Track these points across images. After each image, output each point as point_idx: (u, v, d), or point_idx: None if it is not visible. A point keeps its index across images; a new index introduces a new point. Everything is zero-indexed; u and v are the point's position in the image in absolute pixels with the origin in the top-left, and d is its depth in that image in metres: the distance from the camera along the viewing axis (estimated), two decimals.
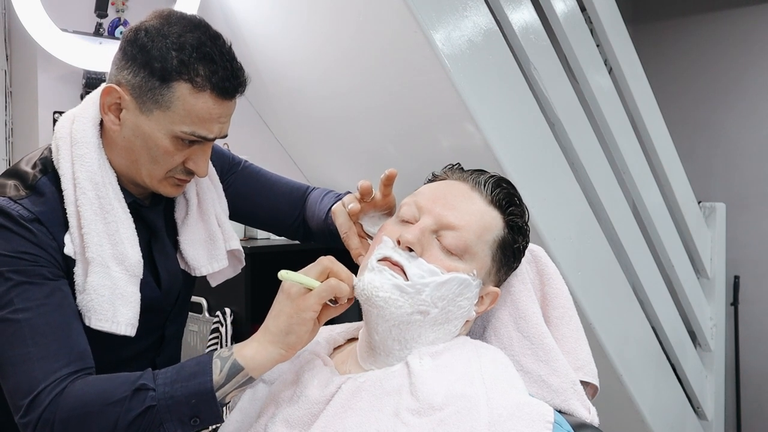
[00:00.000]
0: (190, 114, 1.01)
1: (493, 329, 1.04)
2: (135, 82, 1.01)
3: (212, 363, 0.91)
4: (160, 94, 1.00)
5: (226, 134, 1.08)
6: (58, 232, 1.01)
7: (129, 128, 1.03)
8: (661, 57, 3.86)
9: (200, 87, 1.00)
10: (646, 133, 2.49)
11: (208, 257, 1.19)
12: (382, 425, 0.85)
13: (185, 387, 0.90)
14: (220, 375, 0.90)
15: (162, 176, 1.06)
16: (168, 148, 1.03)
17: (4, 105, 2.24)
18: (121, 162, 1.07)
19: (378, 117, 2.12)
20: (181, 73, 0.99)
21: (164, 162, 1.04)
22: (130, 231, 1.06)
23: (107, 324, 1.02)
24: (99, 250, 1.01)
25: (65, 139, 1.05)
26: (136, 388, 0.90)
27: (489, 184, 1.00)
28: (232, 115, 1.07)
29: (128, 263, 1.04)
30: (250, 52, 2.30)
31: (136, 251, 1.06)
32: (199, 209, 1.19)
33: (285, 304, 0.90)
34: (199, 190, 1.19)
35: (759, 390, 3.63)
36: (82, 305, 1.01)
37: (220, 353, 0.92)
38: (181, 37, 1.00)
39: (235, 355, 0.91)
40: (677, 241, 2.58)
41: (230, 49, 1.06)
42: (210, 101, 1.01)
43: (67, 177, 1.03)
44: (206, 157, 1.07)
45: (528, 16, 2.03)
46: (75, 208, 1.02)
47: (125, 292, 1.04)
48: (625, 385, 2.21)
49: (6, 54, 2.24)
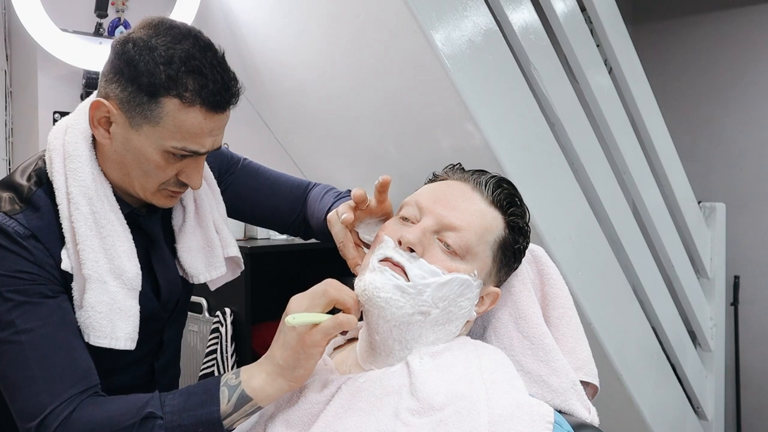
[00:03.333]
0: (180, 129, 0.98)
1: (494, 329, 1.04)
2: (123, 96, 0.98)
3: (219, 392, 0.91)
4: (148, 110, 0.97)
5: (219, 146, 1.06)
6: (55, 247, 1.00)
7: (119, 142, 1.02)
8: (661, 57, 3.86)
9: (190, 102, 0.97)
10: (646, 133, 2.49)
11: (206, 265, 1.18)
12: (382, 425, 0.85)
13: (193, 416, 0.90)
14: (228, 404, 0.90)
15: (155, 189, 1.05)
16: (159, 163, 1.01)
17: (4, 105, 2.24)
18: (115, 174, 1.06)
19: (378, 117, 2.12)
20: (169, 89, 0.96)
21: (156, 176, 1.03)
22: (127, 244, 1.05)
23: (106, 340, 1.01)
24: (95, 266, 1.00)
25: (58, 151, 1.04)
26: (144, 417, 0.90)
27: (490, 184, 1.00)
28: (225, 126, 1.05)
29: (126, 277, 1.03)
30: (251, 53, 2.30)
31: (134, 264, 1.05)
32: (197, 216, 1.18)
33: (291, 337, 0.89)
34: (197, 196, 1.18)
35: (759, 390, 3.63)
36: (81, 321, 1.00)
37: (227, 381, 0.92)
38: (170, 49, 0.97)
39: (243, 385, 0.91)
40: (677, 241, 2.58)
41: (222, 59, 1.02)
42: (200, 116, 0.98)
43: (62, 192, 1.02)
44: (199, 170, 1.06)
45: (528, 16, 2.03)
46: (70, 223, 1.01)
47: (123, 306, 1.02)
48: (625, 385, 2.21)
49: (6, 54, 2.24)
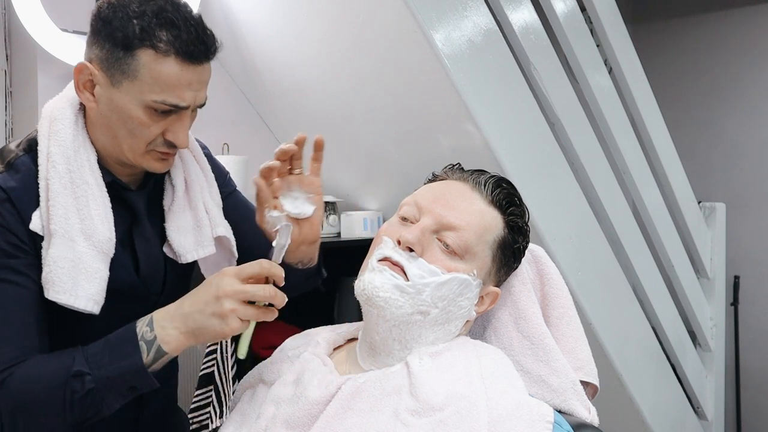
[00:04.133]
0: (158, 81, 1.00)
1: (493, 329, 1.04)
2: (102, 55, 1.01)
3: (139, 345, 0.96)
4: (126, 64, 0.99)
5: (203, 103, 1.07)
6: (28, 209, 1.01)
7: (104, 104, 1.03)
8: (661, 57, 3.86)
9: (164, 52, 0.99)
10: (646, 133, 2.49)
11: (195, 243, 1.17)
12: (382, 426, 0.85)
13: (118, 367, 0.96)
14: (148, 358, 0.96)
15: (143, 150, 1.06)
16: (142, 120, 1.02)
17: (4, 105, 2.24)
18: (104, 140, 1.07)
19: (378, 117, 2.12)
20: (143, 40, 0.98)
21: (141, 134, 1.04)
22: (102, 208, 1.05)
23: (64, 296, 1.00)
24: (64, 223, 1.01)
25: (46, 117, 1.07)
26: (73, 375, 0.95)
27: (489, 184, 1.00)
28: (206, 82, 1.06)
29: (96, 239, 1.03)
30: (251, 53, 2.30)
31: (107, 228, 1.05)
32: (186, 196, 1.18)
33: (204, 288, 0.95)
34: (187, 176, 1.18)
35: (759, 390, 3.63)
36: (43, 277, 1.00)
37: (143, 335, 0.97)
38: (143, 5, 1.00)
39: (159, 341, 0.96)
40: (677, 241, 2.58)
41: (198, 17, 1.04)
42: (176, 66, 1.00)
43: (43, 154, 1.04)
44: (184, 127, 1.06)
45: (528, 16, 2.03)
46: (46, 182, 1.02)
47: (90, 267, 1.02)
48: (625, 385, 2.21)
49: (6, 54, 2.24)
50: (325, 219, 2.26)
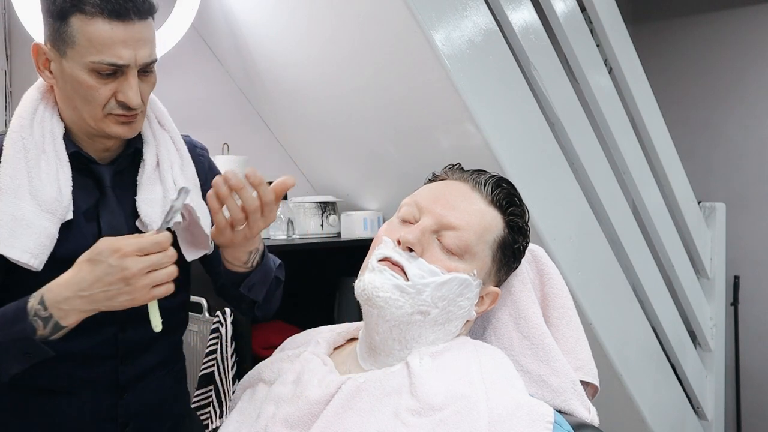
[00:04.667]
0: (92, 42, 1.04)
1: (493, 329, 1.05)
2: (48, 31, 1.07)
3: (33, 322, 0.96)
4: (64, 32, 1.05)
5: (150, 61, 1.09)
6: None
7: (60, 78, 1.09)
8: (661, 57, 3.86)
9: (91, 14, 1.03)
10: (646, 133, 2.49)
11: (162, 213, 1.18)
12: (382, 425, 0.85)
13: (9, 333, 0.98)
14: (45, 330, 0.97)
15: (101, 115, 1.09)
16: (90, 83, 1.06)
17: (4, 105, 2.24)
18: (69, 114, 1.12)
19: (378, 117, 2.12)
20: (73, 6, 1.03)
21: (94, 99, 1.07)
22: (54, 169, 1.09)
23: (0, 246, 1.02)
24: (11, 182, 1.05)
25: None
26: None
27: (489, 184, 1.00)
28: (146, 41, 1.08)
29: (42, 198, 1.06)
30: (251, 53, 2.30)
31: (54, 189, 1.07)
32: (157, 170, 1.20)
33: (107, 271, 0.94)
34: (159, 152, 1.21)
35: (759, 390, 3.63)
36: None
37: (37, 312, 0.96)
38: None
39: (56, 318, 0.96)
40: (677, 241, 2.58)
41: None
42: (106, 25, 1.04)
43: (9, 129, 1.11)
44: (132, 86, 1.08)
45: (528, 16, 2.03)
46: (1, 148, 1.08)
47: (32, 223, 1.04)
48: (625, 385, 2.21)
49: (6, 54, 2.24)
50: (325, 219, 2.26)
